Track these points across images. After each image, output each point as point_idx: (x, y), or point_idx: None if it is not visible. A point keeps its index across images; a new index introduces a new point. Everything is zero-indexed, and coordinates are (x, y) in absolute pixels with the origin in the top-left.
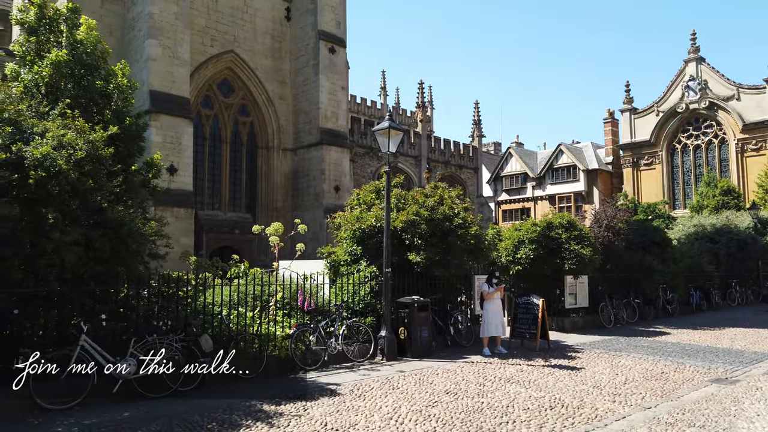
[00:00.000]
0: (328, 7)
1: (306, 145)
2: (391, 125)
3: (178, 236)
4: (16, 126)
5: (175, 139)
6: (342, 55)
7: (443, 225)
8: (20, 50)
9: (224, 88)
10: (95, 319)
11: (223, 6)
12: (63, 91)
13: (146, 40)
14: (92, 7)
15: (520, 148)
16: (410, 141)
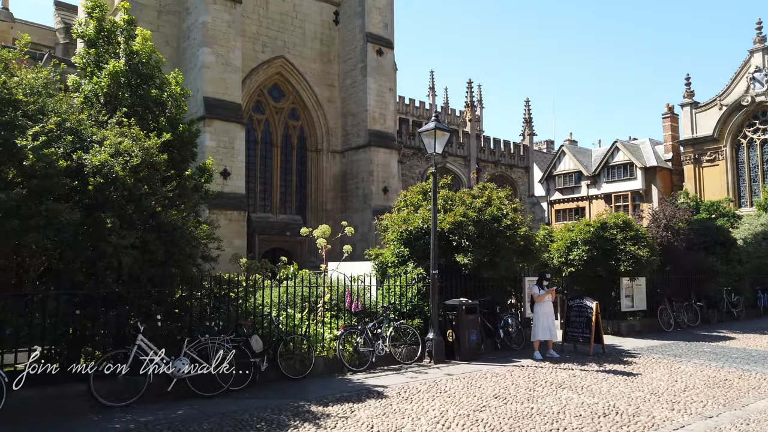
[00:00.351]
0: (375, 9)
1: (354, 147)
2: (437, 126)
3: (231, 238)
4: (76, 135)
5: (228, 143)
6: (389, 56)
7: (491, 226)
8: (81, 62)
9: (275, 92)
10: (151, 319)
11: (273, 12)
12: (120, 100)
13: (200, 49)
14: (150, 18)
15: (574, 146)
16: (459, 141)
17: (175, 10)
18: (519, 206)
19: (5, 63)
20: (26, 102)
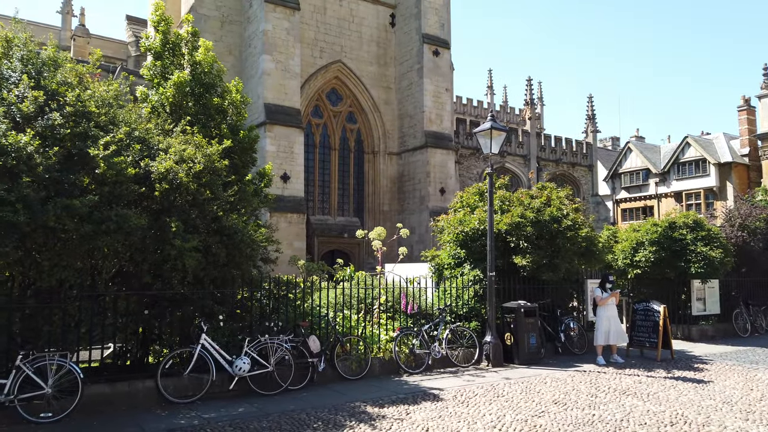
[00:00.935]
0: (431, 9)
1: (411, 148)
2: (493, 126)
3: (291, 240)
4: (144, 143)
5: (288, 148)
6: (446, 56)
7: (551, 227)
8: (148, 74)
9: (332, 97)
10: (214, 319)
11: (331, 18)
12: (184, 109)
13: (260, 56)
14: (213, 29)
15: (641, 143)
16: (518, 140)
17: (237, 20)
18: (580, 206)
19: (80, 77)
20: (98, 113)
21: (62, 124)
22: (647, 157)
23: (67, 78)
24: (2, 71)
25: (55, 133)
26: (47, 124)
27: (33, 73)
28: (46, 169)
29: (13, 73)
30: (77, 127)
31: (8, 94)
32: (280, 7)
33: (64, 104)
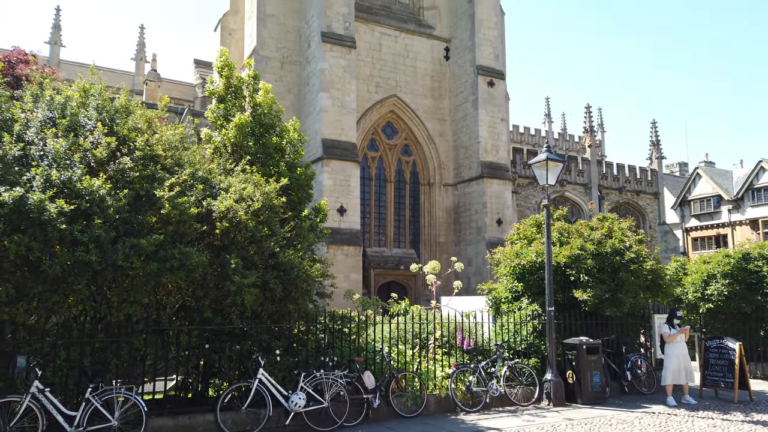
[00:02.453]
0: (486, 41)
1: (467, 179)
2: (548, 157)
3: (347, 272)
4: (206, 183)
5: (344, 181)
6: (501, 87)
7: (612, 259)
8: (212, 116)
9: (388, 130)
10: (271, 354)
11: (386, 54)
12: (245, 148)
13: (318, 94)
14: (274, 69)
15: (711, 168)
16: (578, 168)
17: (297, 60)
18: (644, 238)
19: (149, 122)
20: (165, 156)
21: (132, 168)
22: (718, 183)
23: (138, 124)
24: (80, 119)
25: (125, 176)
26: (118, 167)
27: (107, 120)
28: (116, 210)
29: (89, 120)
30: (145, 170)
31: (84, 141)
32: (337, 47)
33: (134, 149)
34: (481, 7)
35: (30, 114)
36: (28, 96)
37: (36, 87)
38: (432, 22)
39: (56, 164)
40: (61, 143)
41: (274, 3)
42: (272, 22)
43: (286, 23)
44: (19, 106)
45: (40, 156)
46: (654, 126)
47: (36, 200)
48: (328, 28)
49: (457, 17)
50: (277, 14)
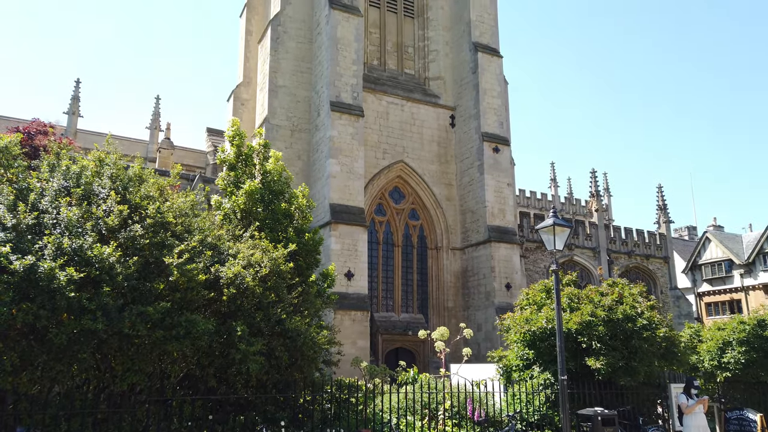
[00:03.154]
0: (490, 109)
1: (474, 243)
2: (555, 222)
3: (354, 338)
4: (215, 250)
5: (352, 246)
6: (506, 153)
7: (624, 326)
8: (222, 184)
9: (395, 195)
10: (275, 425)
11: (393, 122)
12: (254, 214)
13: (327, 160)
14: (284, 137)
15: (720, 232)
16: (586, 232)
17: (306, 128)
18: (656, 303)
19: (161, 190)
20: (175, 223)
21: (142, 235)
22: (728, 247)
23: (150, 191)
24: (93, 188)
25: (136, 243)
26: (129, 235)
27: (120, 189)
28: (125, 277)
29: (102, 189)
30: (155, 237)
31: (97, 209)
32: (345, 115)
33: (146, 216)
34: (485, 77)
35: (46, 183)
36: (44, 166)
37: (53, 157)
38: (437, 91)
39: (68, 232)
40: (74, 211)
41: (285, 75)
42: (283, 93)
43: (297, 94)
44: (36, 175)
45: (53, 224)
46: (660, 190)
47: (46, 268)
48: (337, 98)
49: (461, 87)
50: (288, 85)
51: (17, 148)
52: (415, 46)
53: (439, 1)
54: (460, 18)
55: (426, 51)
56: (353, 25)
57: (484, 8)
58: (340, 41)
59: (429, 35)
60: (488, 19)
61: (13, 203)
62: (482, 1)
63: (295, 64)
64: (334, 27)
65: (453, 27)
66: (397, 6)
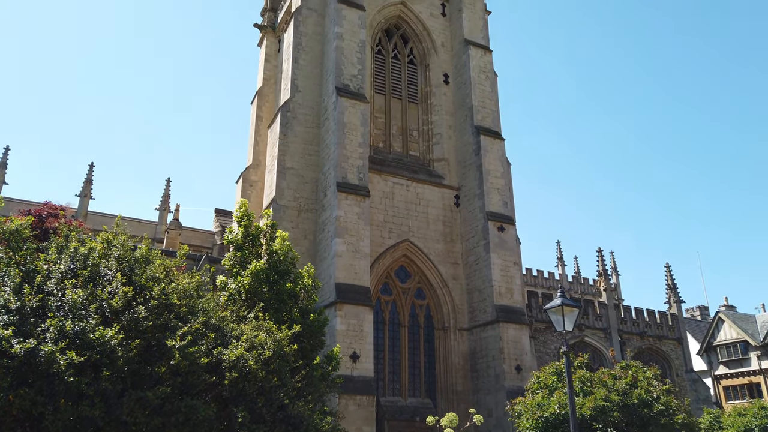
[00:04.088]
0: (494, 189)
1: (482, 323)
2: (563, 302)
3: (360, 425)
4: (218, 331)
5: (357, 326)
6: (511, 232)
7: (641, 412)
8: (228, 264)
9: (401, 274)
10: None
11: (399, 201)
12: (259, 295)
13: (333, 239)
14: (291, 217)
15: (733, 312)
16: (596, 312)
17: (313, 208)
18: (672, 387)
19: (167, 271)
20: (179, 305)
21: (146, 317)
22: (743, 328)
23: (156, 273)
24: (100, 270)
25: (139, 325)
26: (132, 317)
27: (126, 270)
28: (126, 361)
29: (108, 271)
30: (159, 319)
31: (102, 291)
32: (351, 195)
33: (150, 298)
34: (488, 158)
35: (53, 265)
36: (53, 248)
37: (62, 239)
38: (442, 172)
39: (72, 315)
40: (79, 293)
41: (293, 157)
42: (291, 174)
43: (304, 175)
44: (44, 258)
45: (58, 306)
46: (668, 269)
47: (47, 352)
48: (343, 179)
49: (465, 168)
50: (296, 167)
51: (27, 230)
52: (419, 129)
53: (441, 87)
54: (463, 103)
55: (430, 134)
56: (359, 110)
57: (485, 94)
58: (347, 126)
59: (433, 119)
60: (489, 105)
61: (19, 286)
62: (483, 88)
63: (303, 147)
64: (342, 113)
65: (456, 112)
66: (402, 93)
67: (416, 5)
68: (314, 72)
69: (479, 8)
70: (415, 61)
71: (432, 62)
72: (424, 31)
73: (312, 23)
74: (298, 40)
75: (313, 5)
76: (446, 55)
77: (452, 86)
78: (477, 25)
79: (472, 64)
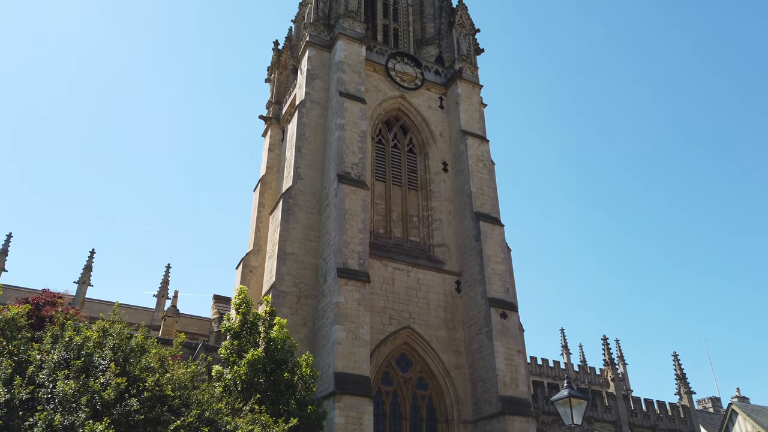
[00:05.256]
0: (495, 275)
1: (486, 416)
2: (570, 393)
3: None
4: (213, 426)
5: (357, 419)
6: (514, 318)
7: None
8: (225, 353)
9: (402, 362)
10: None
11: (399, 287)
12: (255, 386)
13: (333, 326)
14: (290, 303)
15: (746, 404)
16: (604, 403)
17: (313, 294)
18: None
19: (162, 361)
20: (173, 396)
21: (138, 410)
22: (758, 421)
23: (150, 362)
24: (93, 360)
25: (130, 419)
26: (124, 410)
27: (120, 360)
28: None
29: (102, 361)
30: (151, 413)
31: (94, 382)
32: (352, 281)
33: (144, 389)
34: (488, 244)
35: (47, 355)
36: (48, 337)
37: (57, 328)
38: (442, 257)
39: (62, 408)
40: (70, 385)
41: (294, 243)
42: (291, 260)
43: (305, 261)
44: (38, 347)
45: (48, 399)
46: (676, 358)
47: None
48: (344, 265)
49: (465, 253)
50: (296, 252)
51: (24, 319)
52: (419, 215)
53: (440, 175)
54: (462, 190)
55: (430, 220)
56: (360, 197)
57: (484, 182)
58: (348, 212)
59: (432, 206)
60: (488, 192)
61: (10, 377)
62: (481, 176)
63: (304, 233)
64: (342, 199)
65: (455, 198)
66: (402, 180)
67: (415, 99)
68: (316, 161)
69: (475, 101)
70: (414, 149)
71: (431, 151)
72: (423, 123)
73: (315, 115)
74: (301, 131)
75: (316, 98)
76: (444, 145)
77: (451, 174)
78: (473, 117)
79: (470, 153)
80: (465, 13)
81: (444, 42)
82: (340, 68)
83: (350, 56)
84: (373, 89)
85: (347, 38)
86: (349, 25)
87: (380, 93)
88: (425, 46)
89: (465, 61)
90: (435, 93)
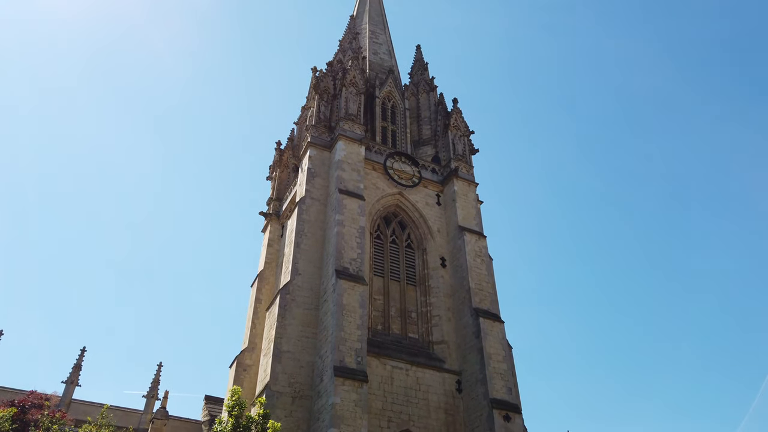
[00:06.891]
0: (497, 374)
1: None
2: None
3: None
4: None
5: None
6: (518, 421)
7: None
8: None
9: None
10: None
11: (398, 387)
12: None
13: (328, 430)
14: (285, 404)
15: None
16: None
17: (308, 395)
18: None
19: None
20: None
21: None
22: None
23: None
24: None
25: None
26: None
27: None
28: None
29: None
30: None
31: None
32: (349, 381)
33: None
34: (488, 341)
35: None
36: None
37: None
38: (442, 355)
39: None
40: None
41: (290, 340)
42: (287, 358)
43: (300, 358)
44: None
45: None
46: None
47: None
48: (341, 363)
49: (465, 350)
50: (293, 350)
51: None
52: (418, 311)
53: (439, 270)
54: (461, 286)
55: (429, 316)
56: (358, 292)
57: (482, 277)
58: (346, 307)
59: (431, 301)
60: (487, 287)
61: None
62: (480, 271)
63: (301, 329)
64: (341, 295)
65: (454, 294)
66: (400, 275)
67: (413, 195)
68: (315, 256)
69: (472, 198)
70: (412, 245)
71: (429, 246)
72: (421, 218)
73: (315, 211)
74: (300, 227)
75: (316, 195)
76: (442, 240)
77: (449, 269)
78: (470, 213)
79: (468, 249)
80: (459, 117)
81: (440, 142)
82: (340, 166)
83: (350, 155)
84: (372, 186)
85: (347, 139)
86: (349, 127)
87: (379, 190)
88: (422, 146)
89: (461, 161)
90: (432, 190)
